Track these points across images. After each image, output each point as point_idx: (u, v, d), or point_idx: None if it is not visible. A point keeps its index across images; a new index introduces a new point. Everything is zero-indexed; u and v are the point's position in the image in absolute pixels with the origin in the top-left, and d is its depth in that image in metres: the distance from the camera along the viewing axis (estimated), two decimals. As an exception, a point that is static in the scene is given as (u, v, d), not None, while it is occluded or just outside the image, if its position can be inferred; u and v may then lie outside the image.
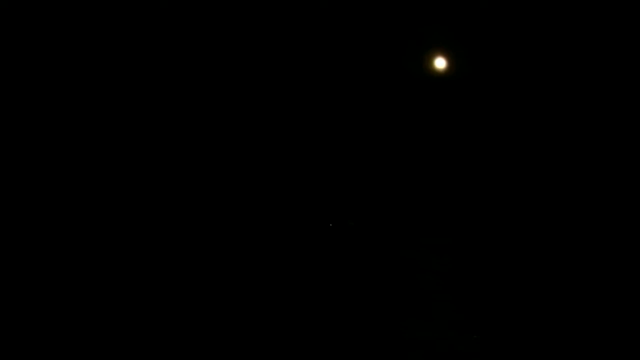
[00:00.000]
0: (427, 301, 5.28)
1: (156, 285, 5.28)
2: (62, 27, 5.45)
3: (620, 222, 5.33)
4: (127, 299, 5.23)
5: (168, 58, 5.56)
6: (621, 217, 5.33)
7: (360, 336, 5.18)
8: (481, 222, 5.50)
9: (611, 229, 5.32)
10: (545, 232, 5.40)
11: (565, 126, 5.50)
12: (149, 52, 5.54)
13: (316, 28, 5.55)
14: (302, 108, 5.61)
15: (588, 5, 5.39)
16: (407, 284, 5.38)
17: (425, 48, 5.58)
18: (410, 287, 5.37)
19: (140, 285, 5.28)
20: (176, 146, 5.55)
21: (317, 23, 5.53)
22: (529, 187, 5.49)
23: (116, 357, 5.07)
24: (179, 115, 5.57)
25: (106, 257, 5.30)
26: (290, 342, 5.11)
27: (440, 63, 5.55)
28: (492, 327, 5.17)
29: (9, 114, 5.41)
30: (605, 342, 5.04)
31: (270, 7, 5.56)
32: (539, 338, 5.11)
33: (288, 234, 5.45)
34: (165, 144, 5.55)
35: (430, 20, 5.54)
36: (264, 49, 5.60)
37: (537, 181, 5.48)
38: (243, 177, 5.53)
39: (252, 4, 5.56)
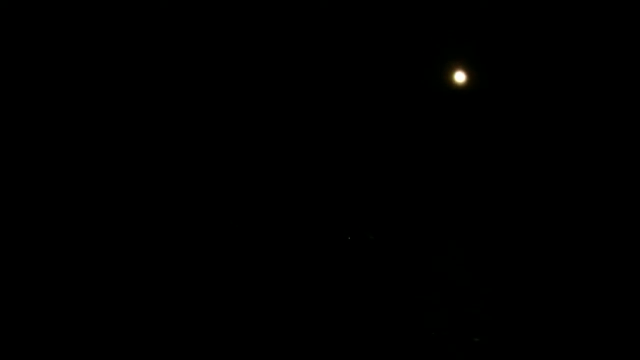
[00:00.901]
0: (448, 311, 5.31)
1: (167, 287, 5.30)
2: (62, 27, 5.45)
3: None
4: (127, 299, 5.24)
5: (168, 58, 5.55)
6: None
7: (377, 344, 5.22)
8: (503, 234, 5.46)
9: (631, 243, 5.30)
10: (565, 240, 5.37)
11: (587, 139, 5.45)
12: (149, 52, 5.53)
13: (334, 40, 5.53)
14: (322, 120, 5.59)
15: (611, 22, 5.35)
16: (426, 293, 5.38)
17: (444, 62, 5.54)
18: (431, 296, 5.37)
19: (142, 286, 5.29)
20: (185, 149, 5.55)
21: (336, 35, 5.51)
22: (551, 199, 5.44)
23: (116, 357, 5.09)
24: (182, 116, 5.57)
25: (106, 257, 5.31)
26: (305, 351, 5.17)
27: (459, 77, 5.50)
28: (509, 332, 5.20)
29: (9, 114, 5.41)
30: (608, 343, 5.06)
31: (289, 14, 5.54)
32: (555, 342, 5.13)
33: (308, 247, 5.45)
34: (173, 146, 5.55)
35: (450, 33, 5.50)
36: (278, 56, 5.59)
37: (559, 193, 5.44)
38: (258, 187, 5.53)
39: (265, 8, 5.56)
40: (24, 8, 5.40)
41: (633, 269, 5.23)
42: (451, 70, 5.50)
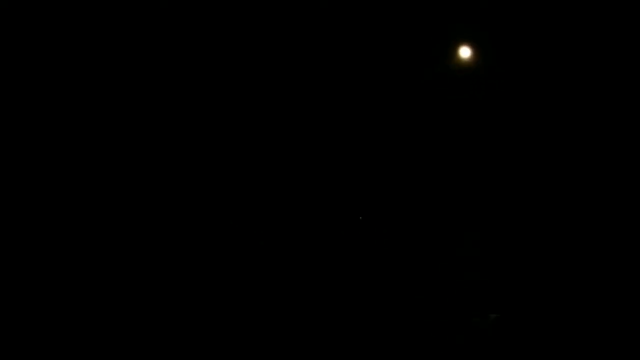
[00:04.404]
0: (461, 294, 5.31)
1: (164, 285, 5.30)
2: (62, 27, 5.46)
3: None
4: (127, 299, 5.24)
5: (168, 58, 5.56)
6: None
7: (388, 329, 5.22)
8: (512, 216, 5.44)
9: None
10: (573, 224, 5.36)
11: (590, 118, 5.44)
12: (149, 52, 5.54)
13: (339, 18, 5.52)
14: (330, 105, 5.59)
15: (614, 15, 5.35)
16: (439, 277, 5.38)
17: (449, 39, 5.52)
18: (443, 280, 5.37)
19: (142, 286, 5.29)
20: (183, 147, 5.55)
21: (340, 14, 5.51)
22: (558, 178, 5.42)
23: (116, 357, 5.09)
24: (180, 115, 5.58)
25: (106, 257, 5.31)
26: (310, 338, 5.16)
27: (465, 52, 5.48)
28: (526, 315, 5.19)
29: (9, 114, 5.42)
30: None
31: (289, 6, 5.55)
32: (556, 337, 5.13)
33: (312, 244, 5.45)
34: (171, 145, 5.56)
35: (454, 11, 5.49)
36: (277, 46, 5.59)
37: (565, 173, 5.42)
38: (266, 181, 5.54)
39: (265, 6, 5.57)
40: (24, 8, 5.40)
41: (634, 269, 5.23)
42: (456, 54, 5.49)
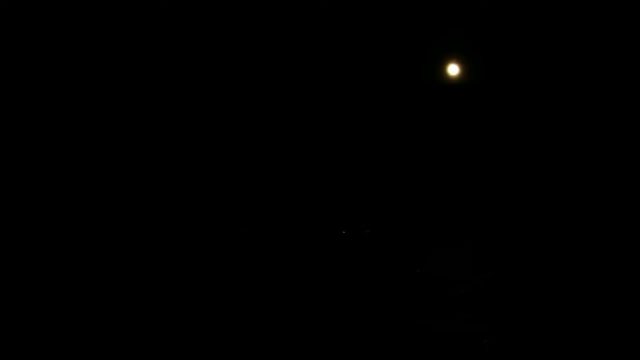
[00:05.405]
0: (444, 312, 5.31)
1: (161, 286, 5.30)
2: (62, 27, 5.45)
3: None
4: (127, 299, 5.25)
5: (168, 58, 5.56)
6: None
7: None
8: (498, 230, 5.45)
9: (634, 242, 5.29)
10: (562, 237, 5.36)
11: (580, 132, 5.46)
12: (149, 52, 5.54)
13: (329, 34, 5.54)
14: (321, 115, 5.60)
15: (603, 14, 5.36)
16: (422, 292, 5.38)
17: (438, 55, 5.55)
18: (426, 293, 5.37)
19: (140, 286, 5.29)
20: (181, 148, 5.55)
21: (330, 28, 5.53)
22: (546, 194, 5.44)
23: (116, 357, 5.09)
24: (180, 115, 5.57)
25: (106, 257, 5.32)
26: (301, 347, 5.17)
27: (453, 70, 5.51)
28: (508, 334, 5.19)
29: (9, 114, 5.42)
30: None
31: (282, 11, 5.55)
32: (554, 340, 5.12)
33: (302, 242, 5.45)
34: (169, 145, 5.56)
35: (444, 27, 5.51)
36: (272, 51, 5.60)
37: (554, 187, 5.44)
38: (257, 184, 5.54)
39: (261, 7, 5.57)
40: (24, 8, 5.40)
41: (633, 269, 5.23)
42: (445, 65, 5.51)
